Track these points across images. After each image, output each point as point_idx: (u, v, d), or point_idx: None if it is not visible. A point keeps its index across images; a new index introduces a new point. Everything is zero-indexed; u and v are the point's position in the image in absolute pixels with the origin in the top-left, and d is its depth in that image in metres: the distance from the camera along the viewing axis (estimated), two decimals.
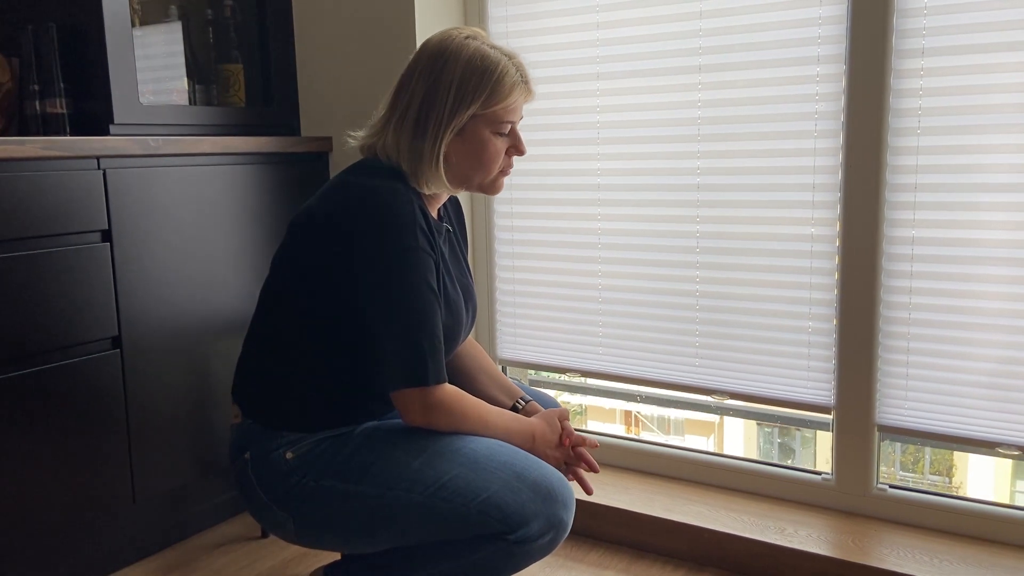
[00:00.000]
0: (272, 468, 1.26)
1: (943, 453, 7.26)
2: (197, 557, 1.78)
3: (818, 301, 1.72)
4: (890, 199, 1.62)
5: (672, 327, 1.89)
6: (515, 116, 1.28)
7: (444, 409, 1.22)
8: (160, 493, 1.76)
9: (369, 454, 1.24)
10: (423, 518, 1.21)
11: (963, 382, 1.60)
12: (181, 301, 1.74)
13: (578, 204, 1.96)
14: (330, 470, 1.24)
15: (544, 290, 2.06)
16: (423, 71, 1.25)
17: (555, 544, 1.24)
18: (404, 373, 1.19)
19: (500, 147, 1.28)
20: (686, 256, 1.84)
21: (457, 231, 1.44)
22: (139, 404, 1.68)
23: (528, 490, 1.20)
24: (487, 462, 1.21)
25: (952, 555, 1.56)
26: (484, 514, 1.18)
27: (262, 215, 1.91)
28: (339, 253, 1.22)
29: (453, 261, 1.38)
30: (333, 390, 1.28)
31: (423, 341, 1.20)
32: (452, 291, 1.32)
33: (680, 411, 7.09)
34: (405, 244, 1.20)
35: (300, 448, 1.26)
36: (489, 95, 1.23)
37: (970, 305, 1.57)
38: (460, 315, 1.33)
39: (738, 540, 1.65)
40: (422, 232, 1.21)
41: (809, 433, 6.92)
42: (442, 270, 1.28)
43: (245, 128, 1.98)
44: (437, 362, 1.21)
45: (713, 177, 1.79)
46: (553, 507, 1.21)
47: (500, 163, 1.30)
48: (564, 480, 1.26)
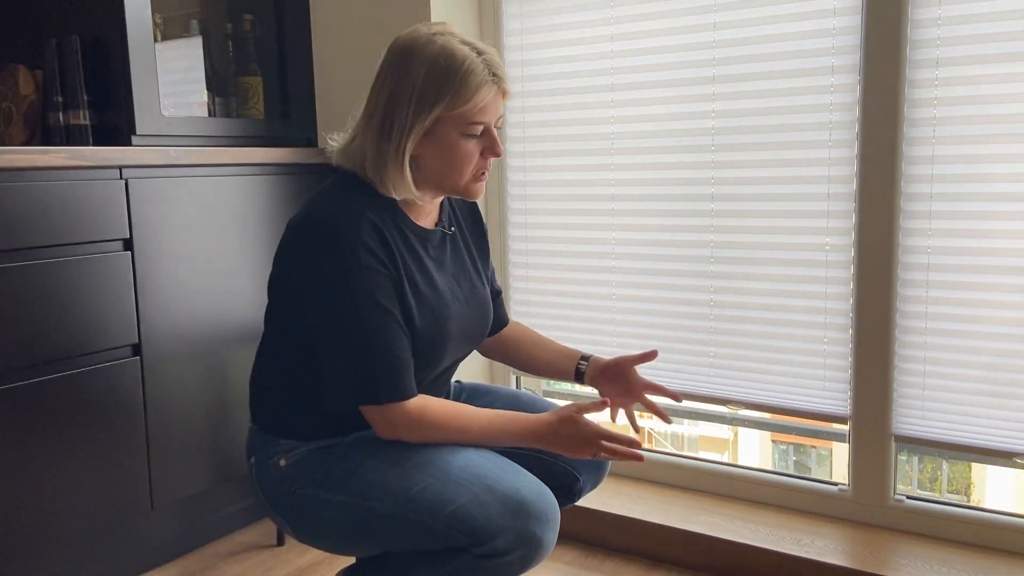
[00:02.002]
0: (269, 475, 1.28)
1: (961, 469, 7.17)
2: (213, 564, 1.79)
3: (833, 311, 1.72)
4: (905, 208, 1.62)
5: (686, 336, 1.89)
6: (487, 116, 1.19)
7: (411, 426, 1.20)
8: (178, 500, 1.77)
9: (351, 464, 1.24)
10: (396, 529, 1.20)
11: (981, 392, 1.59)
12: (200, 309, 1.76)
13: (592, 214, 1.97)
14: (316, 479, 1.25)
15: (557, 299, 2.06)
16: (388, 71, 1.21)
17: (529, 560, 1.19)
18: (352, 391, 1.18)
19: (471, 149, 1.20)
20: (700, 265, 1.85)
21: (468, 235, 1.41)
22: (158, 411, 1.70)
23: (498, 504, 1.16)
24: (460, 474, 1.18)
25: (970, 567, 1.54)
26: (450, 527, 1.16)
27: (279, 226, 1.93)
28: (292, 276, 1.22)
29: (454, 265, 1.34)
30: (302, 408, 1.28)
31: (372, 359, 1.17)
32: (435, 301, 1.27)
33: (694, 428, 7.05)
34: (346, 266, 1.16)
35: (293, 457, 1.27)
36: (454, 96, 1.16)
37: (987, 315, 1.57)
38: (445, 327, 1.28)
39: (754, 551, 1.64)
40: (366, 251, 1.17)
41: (825, 451, 6.85)
42: (414, 281, 1.24)
43: (263, 140, 2.00)
44: (391, 379, 1.18)
45: (727, 187, 1.79)
46: (523, 522, 1.16)
47: (473, 166, 1.22)
48: (544, 495, 1.19)
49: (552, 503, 1.21)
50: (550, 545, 1.21)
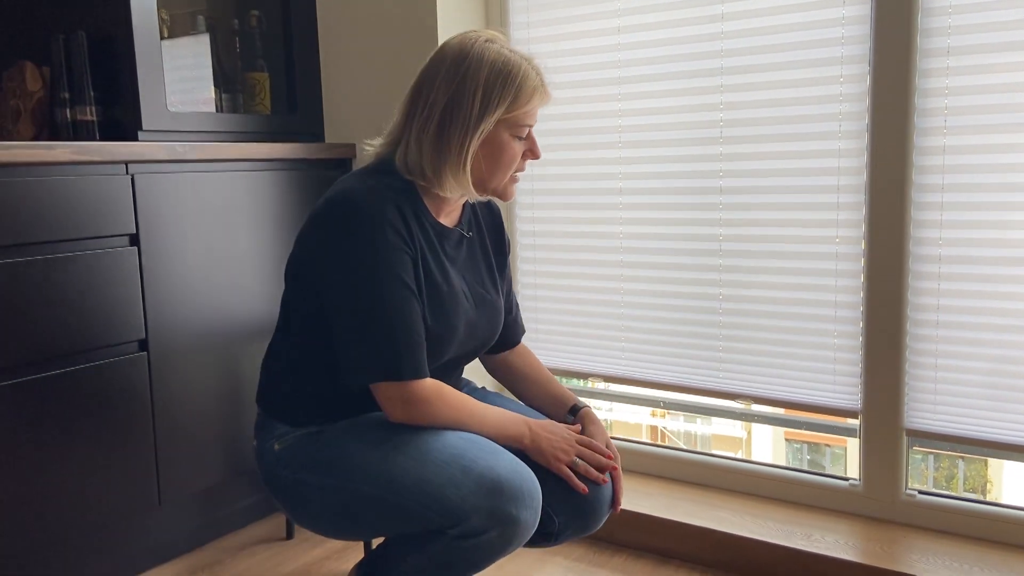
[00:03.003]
0: (266, 458, 1.32)
1: (977, 468, 7.12)
2: (223, 559, 1.79)
3: (844, 304, 1.70)
4: (917, 200, 1.59)
5: (696, 331, 1.88)
6: (534, 119, 1.29)
7: (424, 404, 1.22)
8: (186, 495, 1.78)
9: (337, 448, 1.26)
10: (379, 511, 1.22)
11: (993, 385, 1.57)
12: (207, 304, 1.76)
13: (600, 208, 1.96)
14: (305, 464, 1.28)
15: (565, 295, 2.05)
16: (446, 75, 1.24)
17: (508, 540, 1.19)
18: (377, 367, 1.19)
19: (518, 150, 1.29)
20: (709, 259, 1.83)
21: (488, 244, 1.43)
22: (165, 406, 1.70)
23: (472, 484, 1.17)
24: (436, 455, 1.19)
25: (983, 562, 1.52)
26: (426, 508, 1.18)
27: (286, 220, 1.93)
28: (315, 252, 1.25)
29: (468, 267, 1.37)
30: (319, 385, 1.30)
31: (395, 334, 1.19)
32: (446, 293, 1.29)
33: (707, 427, 7.04)
34: (372, 242, 1.20)
35: (286, 441, 1.31)
36: (513, 99, 1.23)
37: (1000, 307, 1.54)
38: (453, 320, 1.30)
39: (763, 546, 1.63)
40: (392, 228, 1.21)
41: (840, 449, 6.81)
42: (429, 269, 1.27)
43: (270, 135, 2.00)
44: (413, 356, 1.20)
45: (736, 180, 1.77)
46: (496, 501, 1.16)
47: (515, 167, 1.30)
48: (523, 474, 1.20)
49: (530, 481, 1.21)
50: (528, 524, 1.21)
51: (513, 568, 1.72)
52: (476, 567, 1.25)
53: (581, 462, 1.31)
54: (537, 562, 1.75)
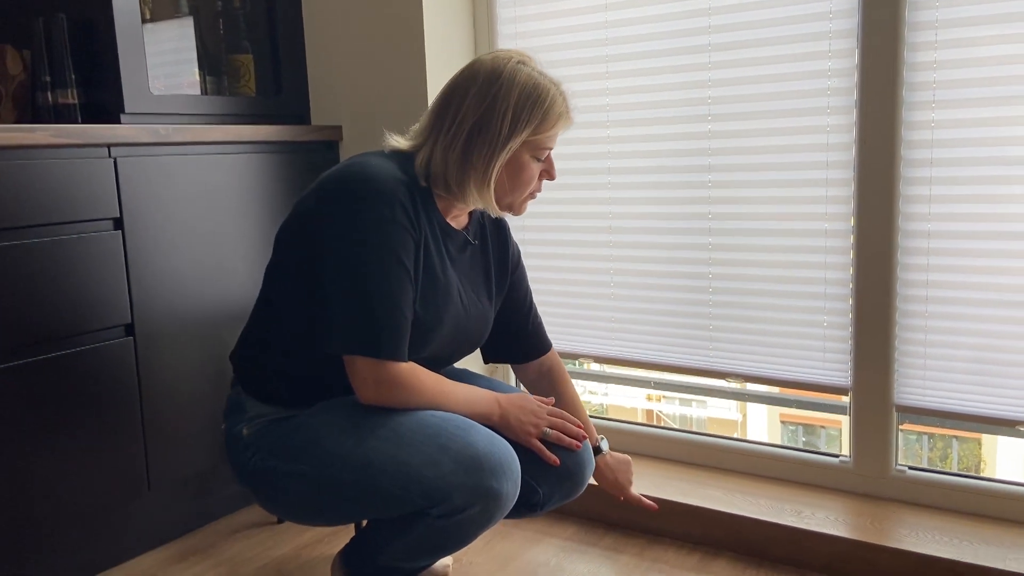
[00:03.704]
0: (234, 444, 1.32)
1: (971, 447, 7.16)
2: (213, 544, 1.79)
3: (833, 281, 1.69)
4: (906, 175, 1.59)
5: (686, 310, 1.87)
6: (554, 143, 1.31)
7: (397, 386, 1.21)
8: (176, 480, 1.77)
9: (308, 434, 1.25)
10: (356, 497, 1.22)
11: (983, 360, 1.57)
12: (193, 288, 1.75)
13: (589, 188, 1.95)
14: (275, 449, 1.27)
15: (555, 275, 2.04)
16: (477, 93, 1.25)
17: (490, 514, 1.20)
18: (355, 338, 1.19)
19: (535, 171, 1.31)
20: (699, 238, 1.83)
21: (491, 255, 1.44)
22: (152, 391, 1.69)
23: (450, 462, 1.17)
24: (412, 436, 1.19)
25: (973, 536, 1.53)
26: (406, 490, 1.18)
27: (272, 203, 1.91)
28: (318, 216, 1.24)
29: (468, 272, 1.38)
30: (294, 360, 1.30)
31: (382, 310, 1.19)
32: (442, 286, 1.29)
33: (702, 410, 7.06)
34: (378, 213, 1.20)
35: (254, 426, 1.30)
36: (540, 123, 1.26)
37: (989, 281, 1.54)
38: (443, 313, 1.30)
39: (754, 523, 1.63)
40: (401, 208, 1.21)
41: (835, 430, 6.83)
42: (429, 259, 1.27)
43: (255, 117, 1.98)
44: (395, 337, 1.20)
45: (725, 157, 1.76)
46: (478, 477, 1.17)
47: (532, 186, 1.32)
48: (499, 447, 1.20)
49: (508, 454, 1.21)
50: (510, 496, 1.21)
51: (504, 549, 1.72)
52: (460, 543, 1.26)
53: (552, 431, 1.32)
54: (528, 542, 1.75)
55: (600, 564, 1.65)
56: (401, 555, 1.28)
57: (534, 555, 1.69)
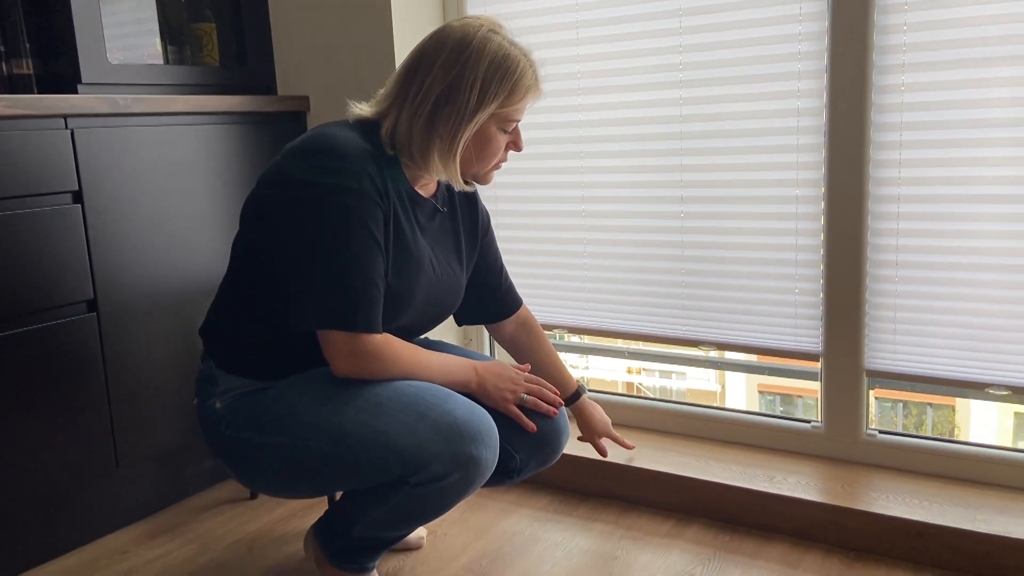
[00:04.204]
0: (207, 417, 1.31)
1: (945, 414, 7.26)
2: (185, 521, 1.78)
3: (804, 247, 1.69)
4: (876, 139, 1.58)
5: (659, 279, 1.87)
6: (522, 115, 1.29)
7: (373, 357, 1.20)
8: (145, 457, 1.75)
9: (283, 406, 1.24)
10: (333, 467, 1.21)
11: (952, 323, 1.57)
12: (158, 263, 1.72)
13: (561, 157, 1.93)
14: (248, 422, 1.26)
15: (528, 246, 2.03)
16: (445, 62, 1.22)
17: (469, 482, 1.20)
18: (328, 312, 1.17)
19: (502, 143, 1.29)
20: (671, 206, 1.81)
21: (460, 222, 1.42)
22: (118, 367, 1.66)
23: (428, 429, 1.16)
24: (390, 405, 1.18)
25: (941, 497, 1.54)
26: (384, 459, 1.17)
27: (239, 175, 1.88)
28: (283, 189, 1.21)
29: (438, 240, 1.36)
30: (265, 333, 1.28)
31: (354, 283, 1.17)
32: (413, 255, 1.28)
33: (681, 382, 7.11)
34: (345, 185, 1.18)
35: (227, 399, 1.29)
36: (508, 95, 1.23)
37: (957, 245, 1.54)
38: (414, 282, 1.29)
39: (726, 489, 1.64)
40: (369, 178, 1.19)
41: (811, 400, 6.90)
42: (399, 228, 1.26)
43: (219, 88, 1.94)
44: (369, 309, 1.18)
45: (696, 124, 1.75)
46: (457, 444, 1.17)
47: (499, 157, 1.31)
48: (477, 414, 1.20)
49: (487, 421, 1.21)
50: (489, 464, 1.21)
51: (479, 519, 1.72)
52: (439, 512, 1.25)
53: (529, 398, 1.33)
54: (503, 512, 1.75)
55: (575, 532, 1.65)
56: (378, 525, 1.28)
57: (509, 525, 1.69)
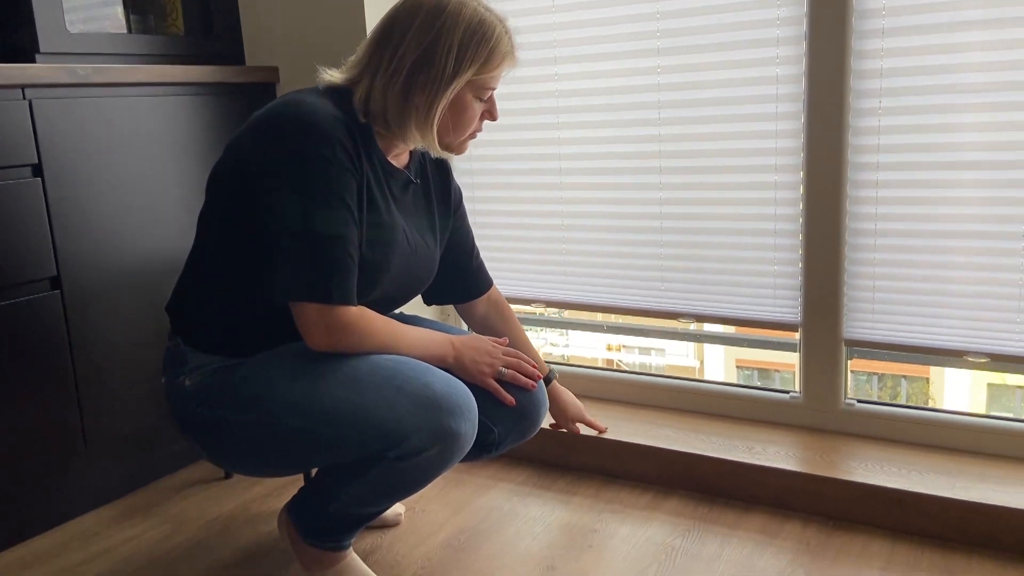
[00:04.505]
0: (176, 395, 1.27)
1: (919, 385, 7.32)
2: (158, 502, 1.74)
3: (783, 216, 1.67)
4: (855, 106, 1.56)
5: (637, 251, 1.85)
6: (497, 83, 1.26)
7: (348, 330, 1.17)
8: (115, 437, 1.71)
9: (256, 383, 1.21)
10: (309, 443, 1.19)
11: (930, 291, 1.57)
12: (123, 238, 1.67)
13: (538, 128, 1.90)
14: (221, 399, 1.23)
15: (505, 219, 2.00)
16: (420, 27, 1.19)
17: (449, 455, 1.18)
18: (302, 284, 1.14)
19: (477, 111, 1.26)
20: (649, 177, 1.79)
21: (434, 194, 1.39)
22: (84, 346, 1.62)
23: (407, 403, 1.14)
24: (368, 379, 1.16)
25: (920, 465, 1.55)
26: (362, 433, 1.15)
27: (206, 148, 1.83)
28: (252, 158, 1.18)
29: (411, 212, 1.33)
30: (235, 308, 1.25)
31: (328, 254, 1.14)
32: (387, 225, 1.25)
33: (660, 359, 7.12)
34: (317, 154, 1.14)
35: (196, 376, 1.25)
36: (484, 62, 1.21)
37: (936, 212, 1.53)
38: (389, 253, 1.26)
39: (705, 460, 1.63)
40: (341, 147, 1.16)
41: (788, 374, 6.95)
42: (373, 198, 1.23)
43: (185, 57, 1.88)
44: (343, 281, 1.16)
45: (674, 93, 1.72)
46: (437, 418, 1.15)
47: (474, 127, 1.28)
48: (456, 388, 1.19)
49: (465, 395, 1.20)
50: (468, 437, 1.20)
51: (457, 495, 1.71)
52: (417, 487, 1.24)
53: (508, 371, 1.32)
54: (482, 488, 1.73)
55: (554, 507, 1.64)
56: (355, 501, 1.26)
57: (487, 500, 1.68)
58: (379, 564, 1.46)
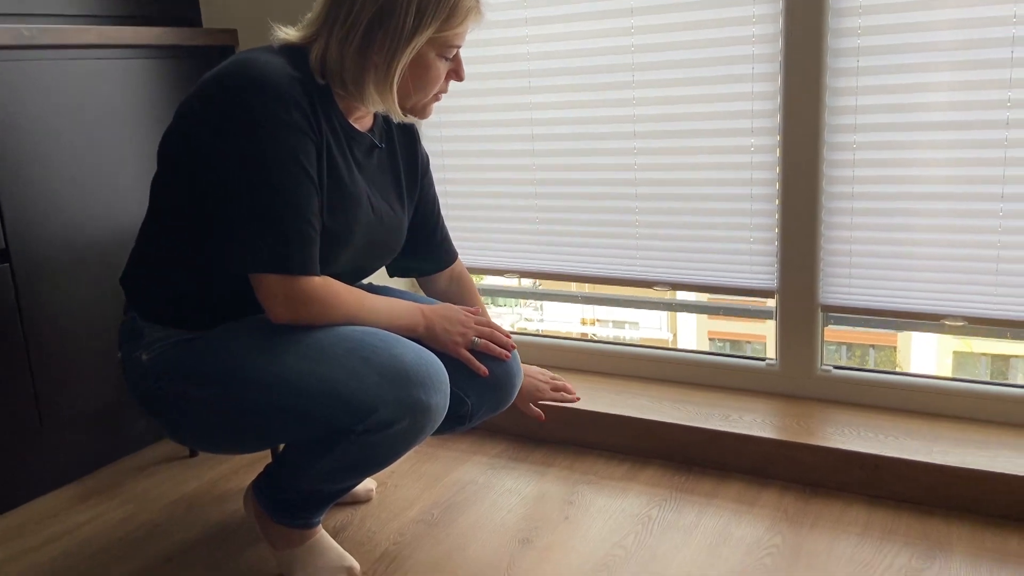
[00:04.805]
0: (134, 371, 1.22)
1: (887, 354, 7.42)
2: (120, 482, 1.69)
3: (760, 181, 1.64)
4: (832, 66, 1.53)
5: (611, 218, 1.81)
6: (462, 41, 1.20)
7: (312, 301, 1.12)
8: (73, 416, 1.65)
9: (217, 356, 1.16)
10: (274, 418, 1.14)
11: (908, 255, 1.55)
12: (75, 209, 1.60)
13: (508, 93, 1.84)
14: (180, 374, 1.17)
15: (476, 188, 1.95)
16: None
17: (420, 428, 1.14)
18: (261, 255, 1.09)
19: (442, 71, 1.20)
20: (623, 142, 1.75)
21: (400, 159, 1.33)
22: (37, 321, 1.55)
23: (375, 375, 1.10)
24: (334, 350, 1.11)
25: (896, 430, 1.54)
26: (328, 407, 1.11)
27: (162, 114, 1.75)
28: (202, 123, 1.12)
29: (376, 179, 1.28)
30: (191, 281, 1.19)
31: (288, 222, 1.09)
32: (349, 192, 1.19)
33: (634, 332, 7.15)
34: (272, 116, 1.08)
35: (154, 350, 1.20)
36: (447, 18, 1.15)
37: (912, 174, 1.51)
38: (352, 222, 1.20)
39: (681, 429, 1.61)
40: (298, 109, 1.10)
41: (759, 345, 6.98)
42: (334, 163, 1.17)
43: (138, 19, 1.79)
44: (305, 250, 1.10)
45: (648, 55, 1.67)
46: (406, 390, 1.11)
47: (438, 87, 1.21)
48: (427, 359, 1.14)
49: (436, 365, 1.15)
50: (440, 408, 1.16)
51: (430, 469, 1.67)
52: (387, 461, 1.20)
53: (481, 341, 1.28)
54: (455, 462, 1.70)
55: (530, 479, 1.61)
56: (323, 477, 1.21)
57: (461, 474, 1.65)
58: (350, 541, 1.42)
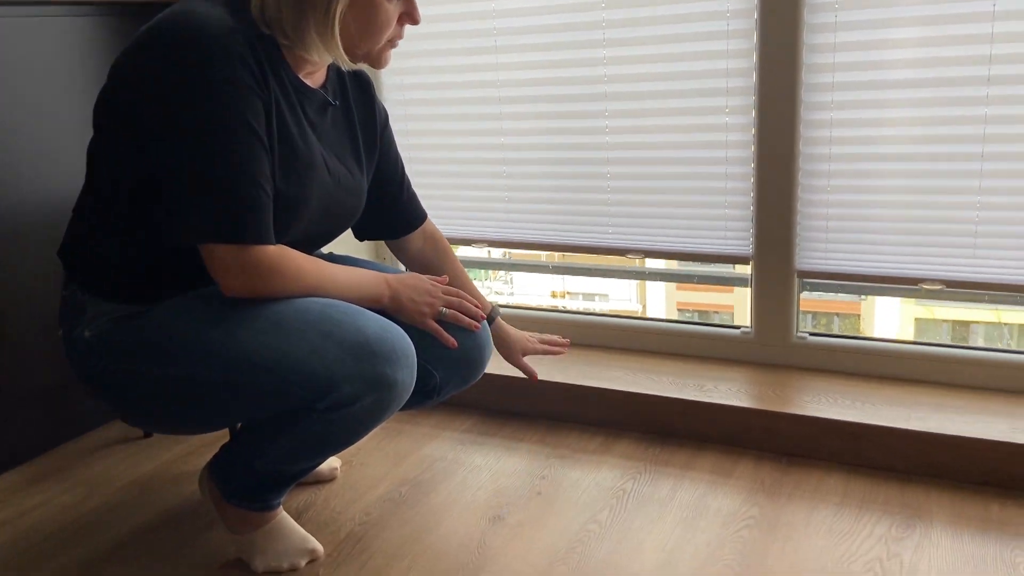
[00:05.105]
0: (76, 349, 1.13)
1: (851, 322, 7.51)
2: (72, 464, 1.60)
3: (735, 143, 1.59)
4: (810, 21, 1.47)
5: (582, 184, 1.75)
6: None
7: (268, 272, 1.04)
8: (18, 396, 1.56)
9: (166, 329, 1.09)
10: (229, 396, 1.07)
11: (884, 218, 1.51)
12: (8, 177, 1.49)
13: (474, 53, 1.76)
14: (127, 351, 1.10)
15: (442, 154, 1.87)
16: None
17: (386, 404, 1.09)
18: (210, 223, 1.01)
19: (392, 13, 1.10)
20: (594, 105, 1.68)
21: (356, 118, 1.25)
22: None
23: (336, 349, 1.03)
24: (292, 324, 1.04)
25: (873, 396, 1.51)
26: (287, 383, 1.04)
27: (100, 75, 1.63)
28: (139, 84, 1.03)
29: (334, 140, 1.19)
30: (134, 253, 1.11)
31: (237, 188, 1.01)
32: (303, 154, 1.11)
33: (604, 303, 7.13)
34: (215, 72, 0.99)
35: (96, 327, 1.11)
36: None
37: (890, 135, 1.46)
38: (307, 185, 1.12)
39: (655, 400, 1.57)
40: (243, 65, 1.01)
41: (727, 315, 6.99)
42: (284, 123, 1.08)
43: None
44: (257, 216, 1.02)
45: (620, 11, 1.60)
46: (370, 364, 1.05)
47: (390, 32, 1.12)
48: (392, 332, 1.08)
49: (401, 339, 1.09)
50: (405, 385, 1.09)
51: (398, 446, 1.61)
52: (351, 440, 1.14)
53: (449, 311, 1.22)
54: (424, 438, 1.64)
55: (500, 454, 1.56)
56: (283, 457, 1.15)
57: (430, 450, 1.59)
58: (313, 522, 1.36)
